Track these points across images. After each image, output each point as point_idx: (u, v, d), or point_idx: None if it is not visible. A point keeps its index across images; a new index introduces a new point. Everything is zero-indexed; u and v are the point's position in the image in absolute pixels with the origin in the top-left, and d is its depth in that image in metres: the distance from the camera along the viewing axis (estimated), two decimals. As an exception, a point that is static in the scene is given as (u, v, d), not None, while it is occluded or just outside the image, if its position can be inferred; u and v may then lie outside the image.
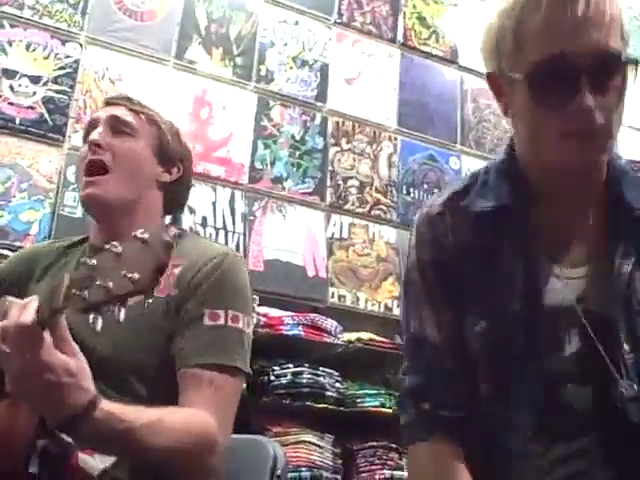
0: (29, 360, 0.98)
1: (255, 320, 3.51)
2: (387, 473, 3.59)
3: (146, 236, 0.87)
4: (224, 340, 1.33)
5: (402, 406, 1.18)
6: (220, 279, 1.37)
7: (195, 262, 1.39)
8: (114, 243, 0.89)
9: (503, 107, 1.16)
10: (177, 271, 1.37)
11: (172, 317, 1.34)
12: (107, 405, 1.07)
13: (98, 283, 0.87)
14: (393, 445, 3.65)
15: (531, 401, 1.07)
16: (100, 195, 1.45)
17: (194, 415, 1.24)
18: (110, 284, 0.86)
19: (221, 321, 1.34)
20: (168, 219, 1.59)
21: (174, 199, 1.59)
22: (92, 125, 1.53)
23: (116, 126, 1.50)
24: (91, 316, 0.91)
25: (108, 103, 1.59)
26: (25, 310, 0.99)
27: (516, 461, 1.07)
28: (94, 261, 0.89)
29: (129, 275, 0.85)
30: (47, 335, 1.00)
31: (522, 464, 1.07)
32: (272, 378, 3.54)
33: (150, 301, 0.89)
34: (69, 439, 1.14)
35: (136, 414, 1.13)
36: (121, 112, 1.52)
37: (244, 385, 1.39)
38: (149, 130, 1.53)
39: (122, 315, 0.89)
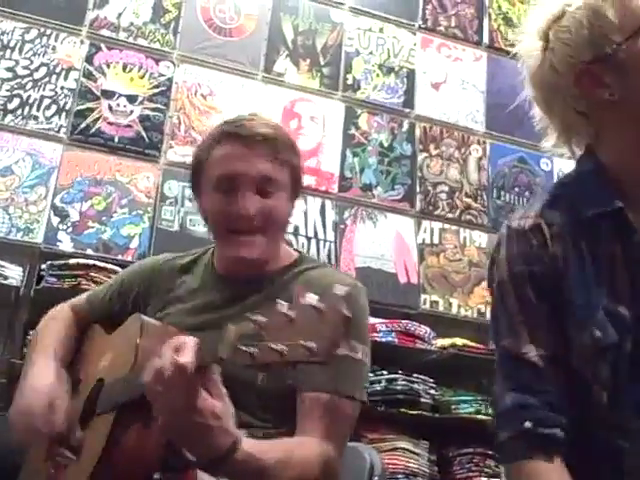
0: (182, 403, 1.02)
1: (348, 328, 3.53)
2: (484, 480, 3.57)
3: (322, 306, 0.86)
4: (345, 369, 1.33)
5: (500, 424, 1.14)
6: None
7: (323, 292, 1.39)
8: (283, 304, 0.88)
9: (600, 99, 1.13)
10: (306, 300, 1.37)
11: None
12: (246, 445, 1.10)
13: (270, 345, 0.87)
14: (490, 452, 3.62)
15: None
16: (257, 257, 1.44)
17: (317, 445, 1.27)
18: (282, 348, 0.86)
19: (342, 351, 1.36)
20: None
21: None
22: (230, 180, 1.43)
23: (263, 187, 1.43)
24: (254, 370, 0.93)
25: (240, 137, 1.44)
26: (183, 352, 1.02)
27: (631, 466, 1.06)
28: (263, 318, 0.89)
29: (306, 344, 0.85)
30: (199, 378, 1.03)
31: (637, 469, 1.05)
32: (366, 385, 3.56)
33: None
34: (192, 457, 1.20)
35: (269, 452, 1.17)
36: (265, 169, 1.42)
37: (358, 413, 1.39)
38: (287, 177, 1.46)
39: (290, 378, 0.90)
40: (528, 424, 1.09)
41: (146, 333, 1.33)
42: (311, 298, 0.88)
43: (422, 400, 3.66)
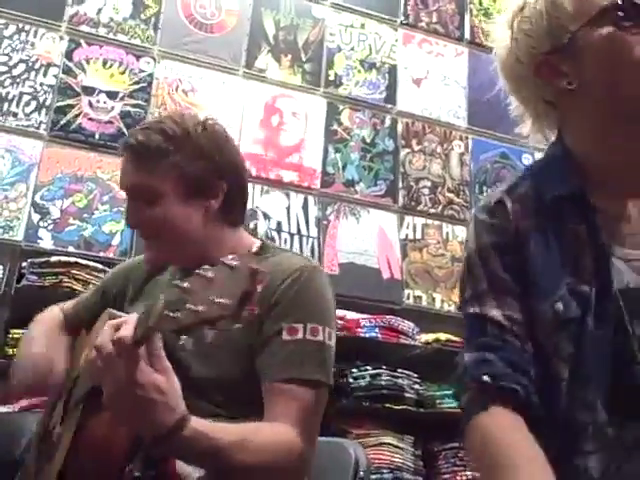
0: (123, 377, 1.02)
1: (332, 324, 3.53)
2: (469, 474, 3.57)
3: (234, 263, 0.89)
4: (303, 354, 1.33)
5: (460, 385, 1.12)
6: (298, 293, 1.37)
7: (275, 279, 1.38)
8: (205, 267, 0.91)
9: (560, 88, 1.15)
10: (259, 288, 1.38)
11: (254, 334, 1.35)
12: (196, 423, 1.09)
13: (189, 306, 0.90)
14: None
15: (601, 380, 1.05)
16: (153, 258, 1.47)
17: (278, 431, 1.26)
18: (200, 308, 0.89)
19: (299, 335, 1.34)
20: (256, 243, 1.55)
21: (233, 210, 1.50)
22: (121, 189, 1.48)
23: (140, 195, 1.41)
24: (182, 337, 0.94)
25: (122, 151, 1.46)
26: (123, 328, 1.03)
27: (587, 440, 1.05)
28: (186, 284, 0.92)
29: (218, 300, 0.87)
30: (141, 353, 1.03)
31: (595, 444, 1.04)
32: (350, 380, 3.57)
33: (238, 326, 0.90)
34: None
35: (223, 432, 1.15)
36: (137, 179, 1.40)
37: (325, 398, 1.37)
38: (172, 180, 1.40)
39: (210, 336, 0.92)
40: (486, 377, 1.06)
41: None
42: (227, 258, 0.90)
43: (406, 395, 3.66)
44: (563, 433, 1.07)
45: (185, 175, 1.40)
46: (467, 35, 4.92)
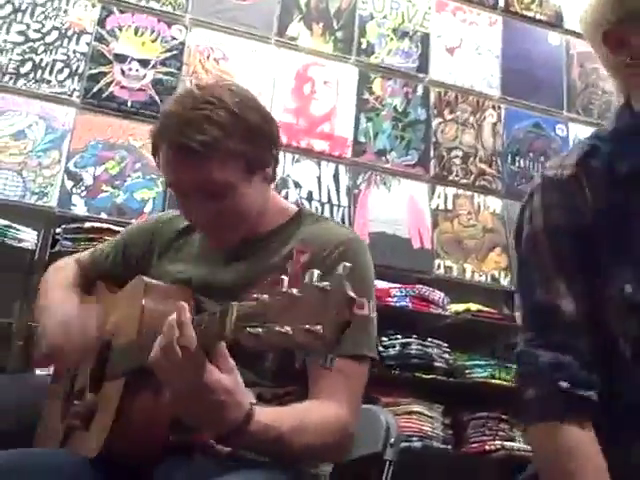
0: (191, 380, 1.03)
1: (363, 292, 3.53)
2: (498, 444, 3.57)
3: (326, 286, 0.84)
4: (352, 328, 1.33)
5: (529, 381, 1.11)
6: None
7: (321, 250, 1.36)
8: (285, 279, 0.87)
9: (627, 58, 1.12)
10: (304, 259, 1.28)
11: None
12: (260, 416, 1.11)
13: (275, 328, 0.84)
14: (503, 416, 3.63)
15: None
16: (225, 244, 1.44)
17: (330, 410, 1.26)
18: (288, 330, 0.84)
19: None
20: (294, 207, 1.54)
21: (276, 167, 1.48)
22: (176, 188, 1.39)
23: (206, 190, 1.35)
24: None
25: (179, 153, 1.33)
26: (184, 329, 1.02)
27: None
28: (266, 297, 0.88)
29: (312, 328, 0.82)
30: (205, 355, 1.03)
31: None
32: (381, 349, 3.57)
33: (331, 359, 0.86)
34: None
35: (283, 419, 1.17)
36: (201, 177, 1.33)
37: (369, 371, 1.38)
38: (234, 168, 1.35)
39: (298, 359, 0.90)
40: (564, 384, 1.06)
41: (149, 294, 1.34)
42: (315, 277, 0.85)
43: (436, 364, 3.66)
44: (630, 416, 1.07)
45: (243, 156, 1.35)
46: (501, 3, 4.84)
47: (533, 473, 1.14)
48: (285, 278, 0.87)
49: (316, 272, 0.86)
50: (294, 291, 0.85)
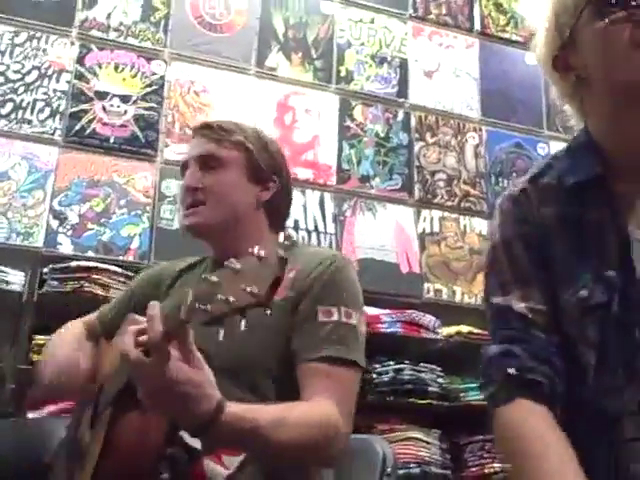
0: (158, 376, 1.03)
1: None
2: (497, 466, 3.55)
3: (262, 253, 0.91)
4: (338, 335, 1.36)
5: (485, 376, 1.14)
6: (331, 279, 1.42)
7: (307, 265, 1.44)
8: (232, 260, 0.93)
9: (574, 82, 1.17)
10: (291, 275, 1.41)
11: (288, 317, 1.38)
12: (233, 408, 1.11)
13: (219, 297, 0.92)
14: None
15: (629, 367, 1.05)
16: (197, 222, 1.53)
17: (315, 406, 1.27)
18: (231, 298, 0.91)
19: (334, 317, 1.38)
20: (281, 236, 1.62)
21: (278, 212, 1.63)
22: (185, 166, 1.59)
23: (205, 163, 1.55)
24: (214, 328, 0.96)
25: (195, 133, 1.63)
26: (150, 325, 1.04)
27: (616, 431, 1.05)
28: (214, 277, 0.94)
29: (248, 289, 0.90)
30: (174, 349, 1.05)
31: (622, 434, 1.05)
32: (374, 376, 3.56)
33: (269, 312, 0.93)
34: (196, 445, 1.20)
35: (260, 412, 1.17)
36: (206, 148, 1.57)
37: (359, 379, 1.40)
38: (237, 156, 1.57)
39: (242, 325, 0.94)
40: (512, 370, 1.09)
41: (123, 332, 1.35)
42: (255, 248, 0.93)
43: (430, 389, 3.65)
44: (596, 421, 1.07)
45: (249, 156, 1.57)
46: (477, 26, 4.90)
47: None
48: (232, 259, 0.94)
49: (256, 247, 0.93)
50: (237, 265, 0.92)
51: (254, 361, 1.38)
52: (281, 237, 1.60)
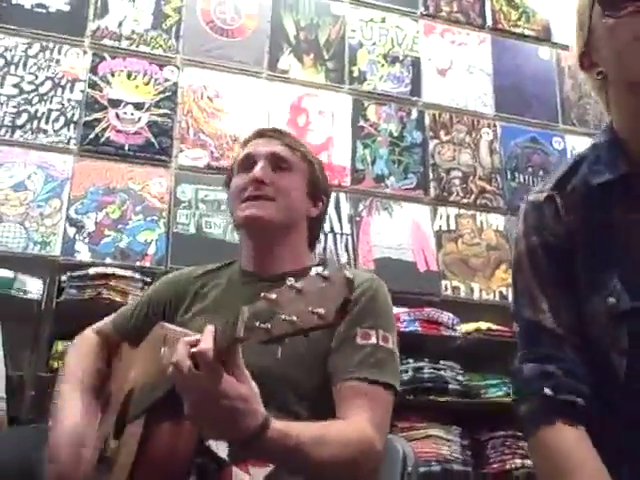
0: (207, 390, 1.03)
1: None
2: (518, 462, 3.54)
3: (326, 273, 0.90)
4: (376, 358, 1.37)
5: (521, 395, 1.14)
6: (369, 302, 1.43)
7: None
8: (291, 279, 0.92)
9: (599, 79, 1.16)
10: None
11: (327, 339, 1.39)
12: (277, 424, 1.11)
13: (282, 317, 0.90)
14: (522, 434, 3.59)
15: None
16: (261, 215, 1.52)
17: (352, 424, 1.28)
18: (294, 317, 0.89)
19: (373, 340, 1.39)
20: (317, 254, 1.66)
21: (315, 232, 1.65)
22: (250, 159, 1.59)
23: (275, 162, 1.57)
24: (270, 346, 0.95)
25: (262, 135, 1.65)
26: (204, 341, 1.04)
27: None
28: (273, 295, 0.93)
29: (315, 310, 0.88)
30: (221, 364, 1.04)
31: None
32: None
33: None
34: (223, 455, 1.20)
35: (302, 429, 1.18)
36: (279, 149, 1.59)
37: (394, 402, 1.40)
38: (303, 166, 1.60)
39: (304, 347, 0.93)
40: (547, 391, 1.08)
41: (169, 340, 1.33)
42: (316, 269, 0.91)
43: (450, 386, 3.64)
44: (627, 430, 1.07)
45: (312, 170, 1.62)
46: (489, 22, 4.89)
47: None
48: (290, 278, 0.92)
49: (318, 268, 0.92)
50: (298, 284, 0.91)
51: (299, 382, 1.39)
52: (315, 255, 1.64)
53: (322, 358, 1.39)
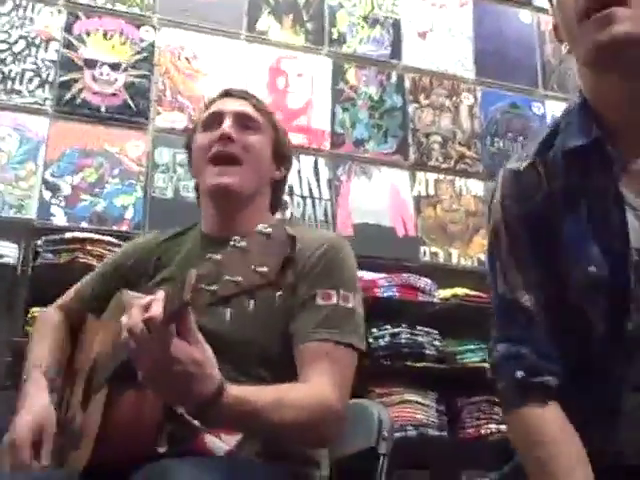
0: (159, 354, 1.03)
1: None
2: (493, 427, 3.59)
3: (270, 231, 0.90)
4: (337, 318, 1.37)
5: (497, 373, 1.17)
6: (330, 262, 1.43)
7: (306, 248, 1.43)
8: (236, 238, 0.92)
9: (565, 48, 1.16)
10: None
11: (288, 301, 1.38)
12: (233, 389, 1.12)
13: (227, 278, 0.90)
14: (497, 399, 3.64)
15: (635, 340, 1.06)
16: (232, 184, 1.51)
17: (312, 388, 1.28)
18: (239, 278, 0.89)
19: (333, 300, 1.39)
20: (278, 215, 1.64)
21: (277, 197, 1.66)
22: (216, 117, 1.57)
23: (243, 122, 1.56)
24: (220, 308, 0.95)
25: (228, 94, 1.63)
26: (152, 306, 1.03)
27: (623, 418, 1.07)
28: (219, 256, 0.93)
29: (258, 269, 0.88)
30: (174, 328, 1.04)
31: (629, 421, 1.07)
32: (371, 340, 3.57)
33: (279, 293, 0.92)
34: (196, 422, 1.19)
35: (259, 394, 1.18)
36: (248, 109, 1.58)
37: (357, 362, 1.41)
38: (269, 129, 1.59)
39: (251, 306, 0.93)
40: (519, 373, 1.11)
41: (129, 307, 1.33)
42: (259, 227, 0.91)
43: (427, 352, 3.67)
44: (602, 391, 1.09)
45: (276, 134, 1.61)
46: (471, -16, 4.83)
47: (519, 463, 1.16)
48: (236, 237, 0.92)
49: (262, 226, 0.92)
50: (242, 243, 0.91)
51: (258, 344, 1.39)
52: (278, 215, 1.62)
53: (284, 320, 1.39)
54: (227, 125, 1.53)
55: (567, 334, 1.12)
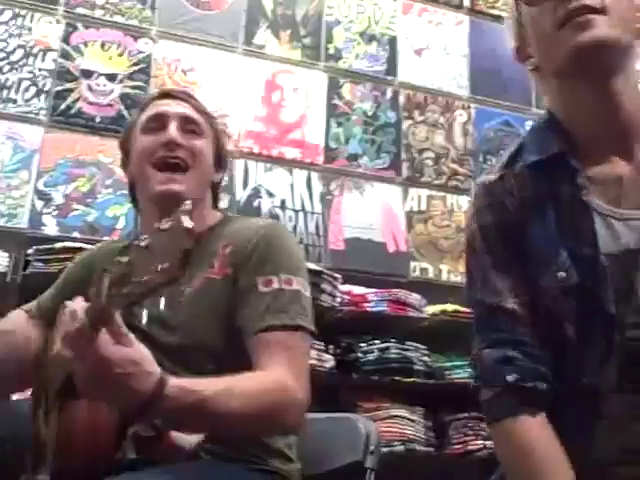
0: (91, 360, 1.02)
1: (339, 299, 3.55)
2: (480, 443, 3.59)
3: (167, 226, 0.89)
4: (282, 302, 1.35)
5: (485, 379, 1.16)
6: (267, 247, 1.41)
7: (243, 239, 1.43)
8: (143, 237, 0.91)
9: (530, 67, 1.21)
10: (228, 251, 1.42)
11: (230, 294, 1.37)
12: (176, 381, 1.09)
13: (134, 279, 0.90)
14: (484, 416, 3.64)
15: (609, 345, 1.07)
16: (181, 192, 1.46)
17: (266, 375, 1.25)
18: (145, 278, 0.89)
19: (275, 285, 1.36)
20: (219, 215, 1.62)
21: (216, 195, 1.63)
22: (158, 119, 1.53)
23: (188, 126, 1.53)
24: (136, 308, 0.94)
25: (170, 95, 1.60)
26: (77, 314, 1.03)
27: (599, 405, 1.08)
28: (126, 258, 0.93)
29: (159, 266, 0.88)
30: (103, 333, 1.02)
31: (605, 417, 1.08)
32: (359, 355, 3.58)
33: (183, 288, 0.91)
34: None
35: (206, 384, 1.15)
36: (190, 111, 1.55)
37: (310, 344, 1.40)
38: (211, 132, 1.58)
39: (162, 304, 0.92)
40: (511, 378, 1.10)
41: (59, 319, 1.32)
42: (159, 223, 0.91)
43: (416, 367, 3.67)
44: (578, 398, 1.10)
45: (216, 136, 1.59)
46: (467, 2, 4.87)
47: (502, 474, 1.16)
48: (142, 236, 0.92)
49: (162, 222, 0.91)
50: (144, 242, 0.90)
51: (199, 342, 1.36)
52: (217, 216, 1.60)
53: (229, 316, 1.36)
54: (173, 130, 1.50)
55: (543, 339, 1.13)
